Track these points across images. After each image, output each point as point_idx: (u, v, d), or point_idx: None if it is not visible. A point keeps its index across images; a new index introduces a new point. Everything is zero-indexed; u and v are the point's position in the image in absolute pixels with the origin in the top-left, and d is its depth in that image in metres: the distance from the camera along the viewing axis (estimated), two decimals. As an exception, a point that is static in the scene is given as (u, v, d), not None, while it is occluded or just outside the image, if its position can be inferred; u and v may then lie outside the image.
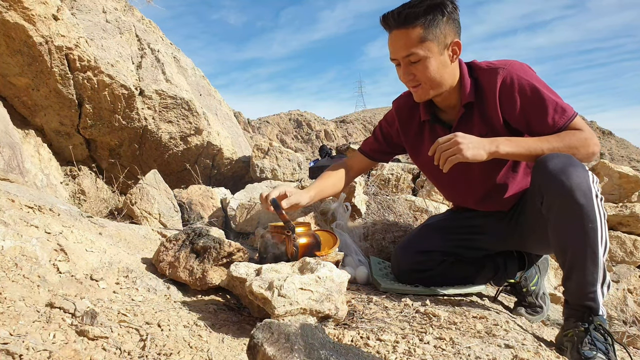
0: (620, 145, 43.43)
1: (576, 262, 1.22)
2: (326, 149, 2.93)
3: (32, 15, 2.40)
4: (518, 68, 1.40)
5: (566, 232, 1.23)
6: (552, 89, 1.38)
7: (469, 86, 1.43)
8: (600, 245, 1.19)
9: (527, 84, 1.37)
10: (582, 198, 1.18)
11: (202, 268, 1.38)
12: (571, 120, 1.33)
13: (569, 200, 1.19)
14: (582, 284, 1.21)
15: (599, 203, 1.20)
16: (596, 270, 1.20)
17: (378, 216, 2.62)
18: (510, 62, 1.42)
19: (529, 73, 1.40)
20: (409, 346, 1.05)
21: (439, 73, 1.40)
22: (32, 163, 2.51)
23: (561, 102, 1.35)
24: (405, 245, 1.71)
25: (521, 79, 1.38)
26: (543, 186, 1.27)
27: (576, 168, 1.20)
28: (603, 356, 1.12)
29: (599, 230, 1.19)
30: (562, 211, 1.22)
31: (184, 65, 4.13)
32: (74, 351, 0.82)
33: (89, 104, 2.89)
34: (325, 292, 1.17)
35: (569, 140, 1.30)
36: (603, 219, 1.20)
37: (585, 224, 1.18)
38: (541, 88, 1.36)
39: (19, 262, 1.09)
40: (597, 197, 1.20)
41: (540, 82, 1.38)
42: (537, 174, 1.30)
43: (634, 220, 3.38)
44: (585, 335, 1.16)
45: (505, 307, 1.67)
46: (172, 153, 3.50)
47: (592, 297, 1.21)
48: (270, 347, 0.67)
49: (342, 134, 36.78)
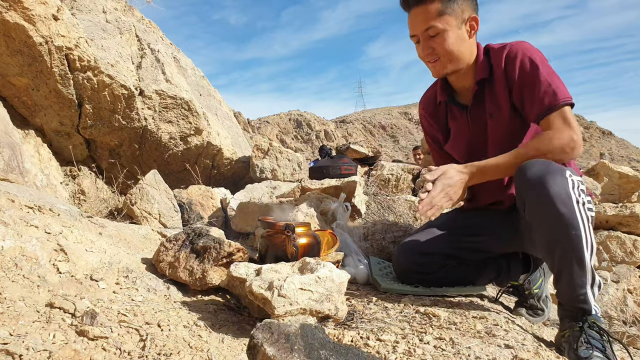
0: (620, 145, 43.43)
1: (563, 268, 1.23)
2: (326, 149, 2.93)
3: (32, 16, 2.40)
4: (525, 45, 1.41)
5: (550, 239, 1.25)
6: (556, 73, 1.36)
7: (483, 65, 1.48)
8: (586, 250, 1.20)
9: (528, 59, 1.38)
10: (562, 207, 1.18)
11: (202, 268, 1.38)
12: (558, 106, 1.32)
13: (550, 210, 1.20)
14: (572, 288, 1.23)
15: (581, 208, 1.21)
16: (584, 273, 1.21)
17: (378, 216, 2.62)
18: (521, 41, 1.43)
19: (535, 51, 1.40)
20: (409, 346, 1.05)
21: (456, 46, 1.43)
22: (32, 163, 2.51)
23: (556, 86, 1.33)
24: (406, 245, 1.70)
25: (524, 54, 1.39)
26: (524, 195, 1.29)
27: (554, 176, 1.20)
28: (600, 354, 1.13)
29: (583, 236, 1.20)
30: (544, 220, 1.24)
31: (184, 65, 4.13)
32: (74, 351, 0.82)
33: (89, 104, 2.89)
34: (325, 292, 1.17)
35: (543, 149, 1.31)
36: (587, 223, 1.21)
37: (568, 232, 1.19)
38: (541, 66, 1.36)
39: (19, 262, 1.09)
40: (578, 203, 1.20)
41: (543, 62, 1.37)
42: (517, 182, 1.32)
43: (634, 220, 3.38)
44: (581, 334, 1.17)
45: (506, 308, 1.67)
46: (172, 153, 3.50)
47: (583, 299, 1.22)
48: (270, 347, 0.67)
49: (342, 134, 36.78)
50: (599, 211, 3.46)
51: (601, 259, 3.32)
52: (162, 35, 4.19)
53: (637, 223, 3.39)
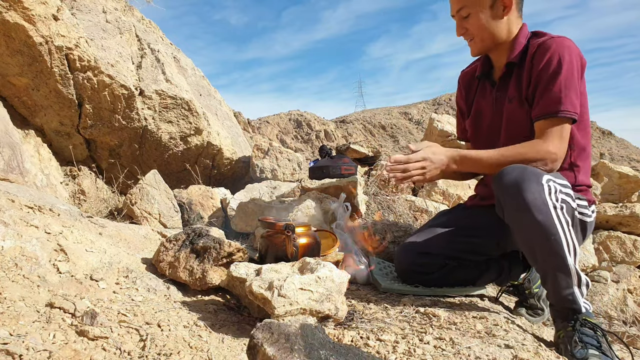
0: (620, 145, 43.43)
1: (547, 272, 1.25)
2: (326, 149, 2.92)
3: (32, 16, 2.40)
4: (565, 43, 1.37)
5: (531, 245, 1.27)
6: (575, 86, 1.34)
7: (518, 48, 1.47)
8: (567, 253, 1.21)
9: (557, 58, 1.34)
10: (538, 215, 1.20)
11: (202, 268, 1.38)
12: (558, 115, 1.32)
13: (527, 218, 1.21)
14: (558, 290, 1.24)
15: (559, 213, 1.22)
16: (568, 275, 1.22)
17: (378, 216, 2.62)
18: (564, 38, 1.39)
19: (569, 54, 1.36)
20: (409, 346, 1.05)
21: (488, 25, 1.46)
22: (32, 163, 2.51)
23: (565, 95, 1.32)
24: (407, 245, 1.70)
25: (556, 51, 1.35)
26: (502, 202, 1.31)
27: (529, 183, 1.21)
28: (595, 350, 1.13)
29: (564, 240, 1.21)
30: (522, 228, 1.26)
31: (184, 66, 4.13)
32: (74, 351, 0.82)
33: (89, 104, 2.89)
34: (325, 292, 1.17)
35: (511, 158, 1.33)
36: (566, 227, 1.22)
37: (547, 238, 1.20)
38: (564, 71, 1.33)
39: (19, 262, 1.09)
40: (555, 208, 1.21)
41: (569, 68, 1.34)
42: (495, 188, 1.34)
43: (634, 220, 3.38)
44: (574, 334, 1.18)
45: (506, 307, 1.67)
46: (172, 153, 3.50)
47: (571, 300, 1.23)
48: (270, 347, 0.67)
49: (342, 134, 36.77)
50: (599, 211, 3.46)
51: (601, 259, 3.32)
52: (162, 35, 4.19)
53: (637, 223, 3.39)
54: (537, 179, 1.22)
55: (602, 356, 1.12)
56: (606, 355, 1.13)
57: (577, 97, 1.34)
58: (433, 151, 1.37)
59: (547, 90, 1.35)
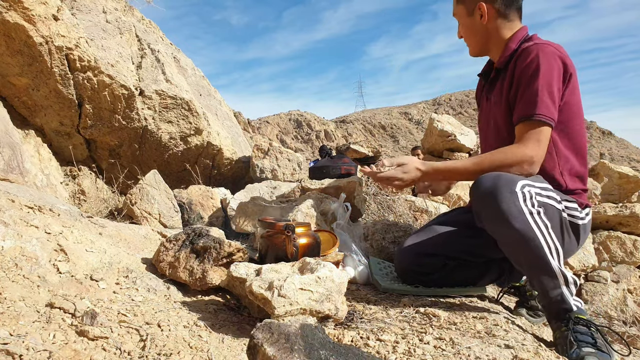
0: (620, 145, 43.42)
1: (532, 275, 1.27)
2: (326, 149, 2.93)
3: (32, 16, 2.40)
4: (547, 49, 1.39)
5: (513, 252, 1.30)
6: (553, 92, 1.35)
7: (506, 53, 1.51)
8: (549, 256, 1.23)
9: (535, 65, 1.37)
10: (515, 223, 1.21)
11: (202, 268, 1.38)
12: (533, 118, 1.33)
13: (505, 227, 1.24)
14: (546, 292, 1.25)
15: (536, 218, 1.23)
16: (553, 277, 1.24)
17: (378, 216, 2.63)
18: (547, 44, 1.41)
19: (549, 60, 1.37)
20: (409, 346, 1.05)
21: (469, 33, 1.57)
22: (32, 163, 2.51)
23: (541, 100, 1.33)
24: (407, 245, 1.70)
25: (535, 58, 1.37)
26: (478, 212, 1.34)
27: (503, 192, 1.23)
28: (591, 347, 1.13)
29: (544, 243, 1.22)
30: (502, 236, 1.29)
31: (184, 66, 4.13)
32: (74, 351, 0.82)
33: (89, 104, 2.89)
34: (325, 292, 1.17)
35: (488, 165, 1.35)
36: (545, 230, 1.23)
37: (527, 244, 1.22)
38: (541, 75, 1.35)
39: (19, 262, 1.09)
40: (531, 214, 1.23)
41: (548, 73, 1.35)
42: (471, 198, 1.37)
43: (634, 221, 3.38)
44: (568, 333, 1.18)
45: (506, 308, 1.67)
46: (172, 153, 3.50)
47: (560, 300, 1.24)
48: (270, 347, 0.67)
49: (342, 134, 36.76)
50: (598, 211, 3.46)
51: (601, 259, 3.32)
52: (162, 35, 4.19)
53: (637, 223, 3.39)
54: (510, 187, 1.24)
55: (597, 352, 1.12)
56: (602, 350, 1.13)
57: (553, 103, 1.35)
58: (405, 171, 1.41)
59: (523, 95, 1.37)
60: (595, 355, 1.11)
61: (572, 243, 1.42)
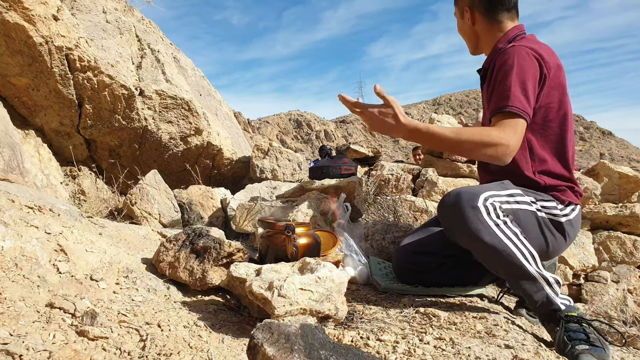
0: (620, 145, 43.38)
1: (513, 284, 1.29)
2: (326, 149, 2.93)
3: (32, 16, 2.40)
4: (521, 52, 1.41)
5: (489, 264, 1.32)
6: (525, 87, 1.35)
7: (492, 54, 1.55)
8: (524, 263, 1.24)
9: (509, 63, 1.38)
10: (484, 237, 1.24)
11: (202, 268, 1.38)
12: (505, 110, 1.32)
13: (474, 243, 1.27)
14: (530, 296, 1.27)
15: (503, 228, 1.25)
16: (534, 282, 1.25)
17: (378, 216, 2.62)
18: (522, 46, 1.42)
19: (520, 58, 1.39)
20: (409, 346, 1.05)
21: (463, 33, 1.66)
22: (32, 163, 2.51)
23: (513, 94, 1.33)
24: (404, 244, 1.71)
25: (510, 57, 1.40)
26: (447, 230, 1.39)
27: (465, 209, 1.25)
28: (584, 344, 1.13)
29: (516, 252, 1.24)
30: (475, 251, 1.32)
31: (184, 66, 4.13)
32: (74, 351, 0.82)
33: (89, 104, 2.89)
34: (325, 292, 1.17)
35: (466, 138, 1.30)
36: (515, 238, 1.25)
37: (499, 255, 1.25)
38: (514, 72, 1.36)
39: (19, 262, 1.09)
40: (497, 225, 1.25)
41: (520, 70, 1.36)
42: (439, 215, 1.39)
43: (634, 221, 3.38)
44: (561, 333, 1.19)
45: (506, 308, 1.67)
46: (172, 153, 3.50)
47: (547, 302, 1.25)
48: (270, 347, 0.67)
49: (342, 134, 36.72)
50: (598, 211, 3.46)
51: (601, 259, 3.32)
52: (162, 36, 4.19)
53: (637, 223, 3.39)
54: (471, 203, 1.26)
55: (591, 348, 1.12)
56: (595, 345, 1.13)
57: (527, 99, 1.34)
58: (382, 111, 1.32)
59: (497, 90, 1.39)
60: (589, 352, 1.11)
61: (558, 241, 1.43)
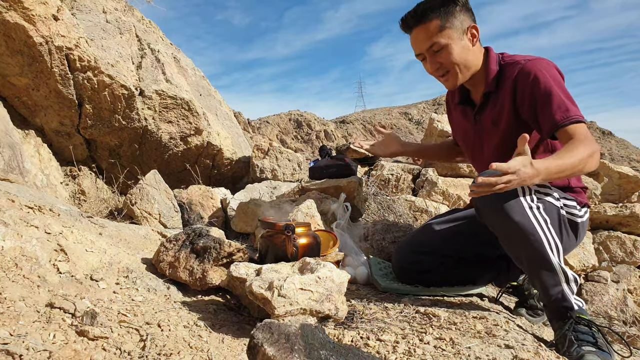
0: (620, 145, 43.42)
1: (533, 273, 1.27)
2: (326, 149, 2.92)
3: (32, 16, 2.40)
4: (540, 64, 1.41)
5: (514, 247, 1.29)
6: (567, 91, 1.37)
7: (492, 75, 1.49)
8: (549, 252, 1.23)
9: (542, 79, 1.37)
10: (515, 216, 1.22)
11: (202, 268, 1.38)
12: (571, 122, 1.31)
13: (503, 221, 1.24)
14: (546, 290, 1.25)
15: (535, 212, 1.24)
16: (554, 274, 1.24)
17: (378, 216, 2.62)
18: (537, 58, 1.43)
19: (549, 70, 1.40)
20: (409, 346, 1.05)
21: (462, 56, 1.46)
22: (32, 163, 2.51)
23: (568, 103, 1.33)
24: (404, 245, 1.72)
25: (538, 73, 1.38)
26: (478, 206, 1.36)
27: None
28: (591, 347, 1.14)
29: (544, 238, 1.23)
30: (502, 231, 1.29)
31: (184, 66, 4.13)
32: (74, 351, 0.82)
33: (89, 104, 2.89)
34: (325, 292, 1.17)
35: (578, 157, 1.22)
36: (545, 225, 1.24)
37: (527, 237, 1.22)
38: (554, 85, 1.36)
39: (19, 262, 1.09)
40: (531, 208, 1.23)
41: (555, 81, 1.37)
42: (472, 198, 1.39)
43: (634, 221, 3.38)
44: (569, 333, 1.18)
45: (506, 308, 1.67)
46: (172, 153, 3.50)
47: (561, 298, 1.24)
48: (270, 347, 0.67)
49: (342, 134, 36.77)
50: (598, 211, 3.46)
51: (601, 259, 3.32)
52: (162, 36, 4.19)
53: (637, 223, 3.39)
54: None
55: (598, 352, 1.12)
56: (602, 350, 1.14)
57: (575, 105, 1.35)
58: (524, 163, 1.15)
59: (547, 108, 1.34)
60: (596, 354, 1.11)
61: (570, 240, 1.43)
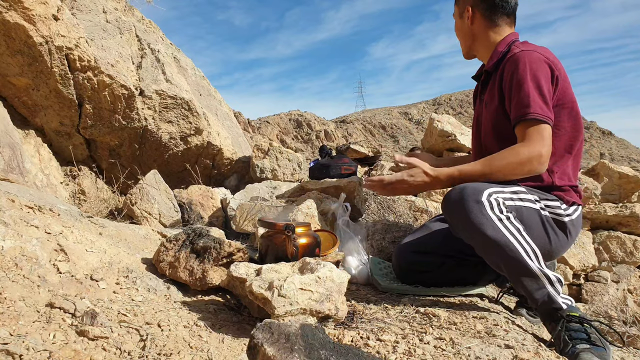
0: (620, 145, 43.40)
1: (515, 280, 1.28)
2: (326, 149, 2.93)
3: (33, 16, 2.40)
4: (532, 56, 1.42)
5: (491, 259, 1.32)
6: (542, 87, 1.37)
7: (495, 57, 1.55)
8: (527, 259, 1.24)
9: (522, 70, 1.39)
10: (487, 231, 1.25)
11: (202, 268, 1.38)
12: (526, 119, 1.34)
13: (477, 236, 1.27)
14: (532, 295, 1.26)
15: (506, 223, 1.26)
16: (536, 279, 1.25)
17: (378, 216, 2.62)
18: (532, 50, 1.43)
19: (533, 64, 1.40)
20: (409, 346, 1.05)
21: (459, 33, 1.68)
22: (32, 163, 2.51)
23: (533, 100, 1.35)
24: (404, 244, 1.71)
25: (520, 64, 1.40)
26: (451, 224, 1.39)
27: (469, 203, 1.27)
28: (585, 344, 1.13)
29: (518, 247, 1.25)
30: (477, 246, 1.32)
31: (184, 66, 4.13)
32: (74, 351, 0.82)
33: (89, 104, 2.89)
34: (325, 292, 1.17)
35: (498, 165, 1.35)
36: (518, 234, 1.26)
37: (502, 250, 1.25)
38: (528, 78, 1.37)
39: (19, 262, 1.09)
40: (500, 220, 1.26)
41: (533, 74, 1.38)
42: (443, 211, 1.41)
43: (634, 221, 3.38)
44: (563, 332, 1.18)
45: (506, 308, 1.67)
46: (172, 153, 3.50)
47: (548, 300, 1.24)
48: (270, 347, 0.67)
49: (342, 134, 36.76)
50: (598, 211, 3.46)
51: (601, 259, 3.32)
52: (162, 35, 4.19)
53: (637, 223, 3.39)
54: (475, 197, 1.27)
55: (592, 347, 1.12)
56: (596, 345, 1.14)
57: (546, 103, 1.36)
58: (411, 174, 1.41)
59: (516, 99, 1.39)
60: (590, 351, 1.11)
61: (560, 240, 1.43)
